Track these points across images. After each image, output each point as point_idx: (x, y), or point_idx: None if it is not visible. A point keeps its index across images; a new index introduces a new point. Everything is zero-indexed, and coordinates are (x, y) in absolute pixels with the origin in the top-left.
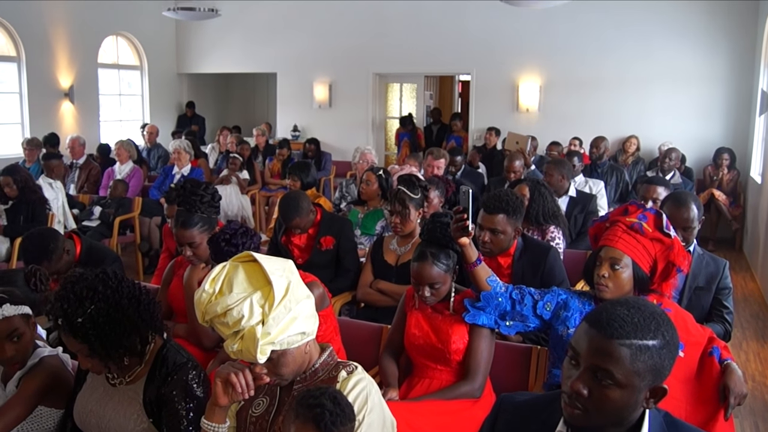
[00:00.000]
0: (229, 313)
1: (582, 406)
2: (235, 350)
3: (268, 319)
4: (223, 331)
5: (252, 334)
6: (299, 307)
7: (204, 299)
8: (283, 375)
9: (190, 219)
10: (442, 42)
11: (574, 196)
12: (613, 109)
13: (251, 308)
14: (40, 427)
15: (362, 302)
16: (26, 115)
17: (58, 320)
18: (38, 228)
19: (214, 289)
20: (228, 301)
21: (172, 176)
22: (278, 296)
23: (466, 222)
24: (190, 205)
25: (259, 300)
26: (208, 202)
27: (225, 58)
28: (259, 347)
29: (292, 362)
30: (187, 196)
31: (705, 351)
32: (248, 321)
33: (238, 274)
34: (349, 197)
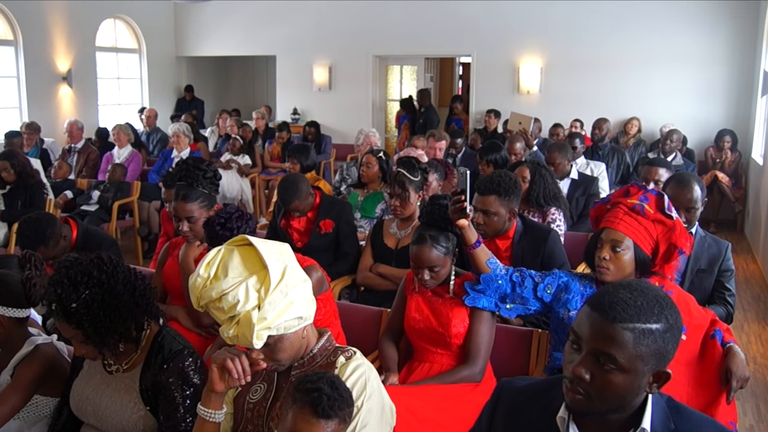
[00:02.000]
0: (224, 298)
1: (584, 391)
2: (231, 336)
3: (264, 303)
4: (219, 316)
5: (248, 320)
6: (296, 291)
7: (199, 284)
8: (280, 360)
9: (191, 192)
10: (442, 24)
11: (576, 179)
12: (615, 90)
13: (247, 293)
14: (36, 415)
15: (362, 286)
16: (24, 99)
17: (52, 306)
18: (35, 213)
19: (209, 273)
20: (223, 286)
21: (171, 160)
22: (274, 280)
23: (464, 204)
24: (191, 180)
25: (255, 284)
26: (209, 178)
27: (224, 40)
28: (255, 332)
29: (289, 347)
30: (190, 170)
31: (707, 334)
32: (244, 306)
33: (234, 258)
34: (349, 180)
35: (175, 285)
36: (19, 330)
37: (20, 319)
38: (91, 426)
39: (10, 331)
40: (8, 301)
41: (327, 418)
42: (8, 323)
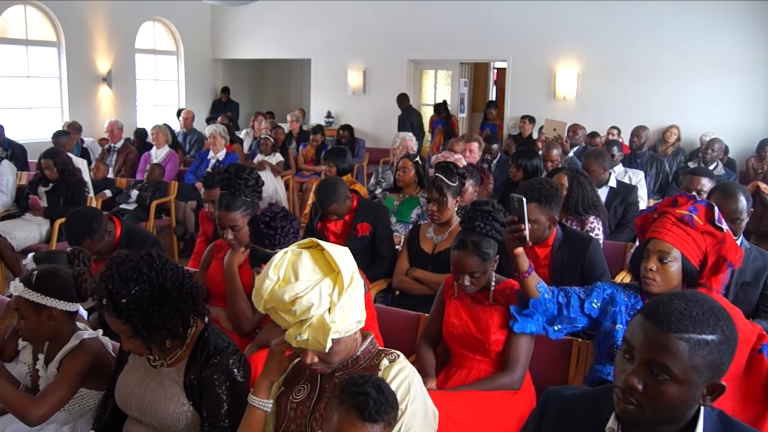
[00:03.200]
0: (298, 301)
1: (636, 401)
2: (302, 340)
3: (335, 308)
4: (288, 320)
5: (321, 323)
6: (359, 293)
7: (267, 286)
8: (333, 363)
9: (233, 202)
10: (478, 28)
11: (615, 187)
12: (653, 97)
13: (320, 296)
14: (82, 407)
15: (398, 290)
16: (65, 99)
17: (103, 300)
18: (83, 207)
19: (278, 275)
20: (296, 289)
21: (207, 161)
22: (346, 283)
23: (524, 232)
24: (234, 189)
25: (328, 288)
26: (252, 186)
27: (260, 43)
28: (330, 335)
29: (343, 350)
30: (232, 179)
31: (754, 348)
32: (317, 309)
33: (303, 260)
34: (384, 183)
35: (219, 288)
36: (69, 324)
37: (70, 313)
38: (135, 419)
39: (60, 325)
40: (61, 294)
41: (373, 421)
42: (60, 316)
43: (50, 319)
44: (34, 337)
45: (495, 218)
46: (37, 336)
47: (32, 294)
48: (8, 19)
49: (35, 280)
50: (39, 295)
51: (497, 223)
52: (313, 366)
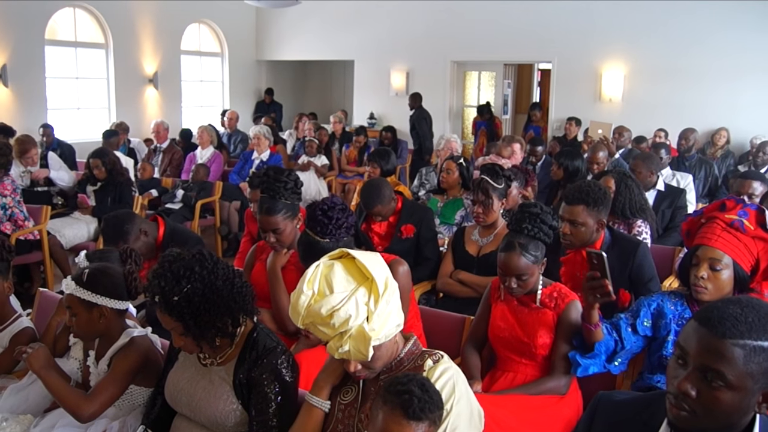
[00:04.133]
0: (335, 314)
1: (689, 407)
2: (344, 352)
3: (374, 316)
4: (328, 333)
5: (361, 333)
6: (395, 297)
7: (303, 302)
8: (376, 368)
9: (274, 206)
10: (522, 29)
11: (663, 190)
12: (702, 99)
13: (357, 306)
14: (131, 404)
15: (442, 292)
16: (113, 100)
17: (155, 298)
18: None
19: (312, 290)
20: (332, 302)
21: (251, 162)
22: (381, 290)
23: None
24: (273, 192)
25: (363, 297)
26: (291, 188)
27: (303, 45)
28: (371, 345)
29: (385, 354)
30: (271, 183)
31: None
32: (355, 320)
33: (335, 272)
34: (428, 185)
35: (263, 289)
36: (119, 321)
37: (120, 311)
38: (184, 416)
39: (111, 322)
40: (112, 293)
41: (417, 420)
42: (110, 314)
43: (101, 317)
44: (85, 334)
45: (543, 220)
46: (88, 333)
47: (83, 292)
48: (58, 22)
49: (86, 279)
50: (90, 293)
51: (545, 225)
52: (357, 373)
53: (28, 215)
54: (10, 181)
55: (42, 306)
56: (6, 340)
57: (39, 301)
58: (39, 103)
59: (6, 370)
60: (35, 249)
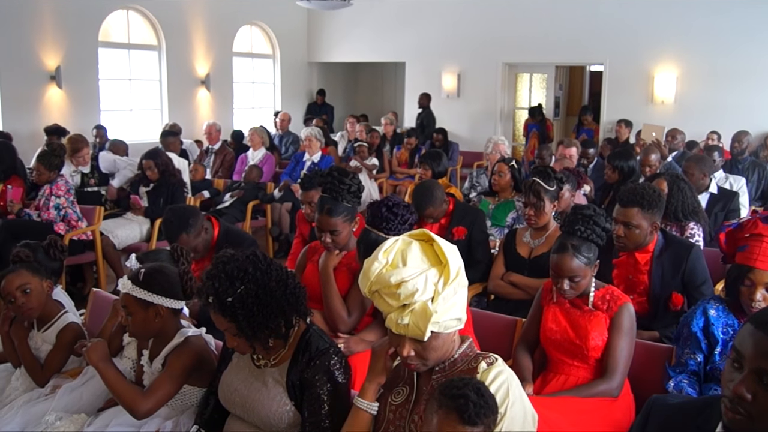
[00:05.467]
0: (403, 285)
1: (745, 411)
2: (404, 324)
3: (439, 297)
4: (391, 303)
5: (424, 309)
6: (462, 291)
7: (375, 269)
8: (428, 359)
9: (336, 207)
10: (574, 31)
11: (715, 193)
12: (755, 101)
13: (426, 283)
14: (184, 403)
15: (493, 294)
16: (165, 101)
17: (209, 298)
18: (179, 204)
19: (387, 260)
20: (403, 274)
21: (302, 163)
22: (452, 276)
23: None
24: (336, 193)
25: (434, 277)
26: (353, 192)
27: (354, 46)
28: (430, 323)
29: (440, 348)
30: (335, 184)
31: None
32: (421, 295)
33: (413, 249)
34: (479, 187)
35: (314, 290)
36: (174, 321)
37: (176, 311)
38: (238, 417)
39: (166, 322)
40: (167, 292)
41: (473, 425)
42: (166, 313)
43: (156, 316)
44: (141, 333)
45: (596, 222)
46: (143, 332)
47: (140, 291)
48: (111, 24)
49: (143, 278)
50: (146, 292)
51: (598, 227)
52: (408, 360)
53: (82, 216)
54: (63, 182)
55: (95, 306)
56: (52, 336)
57: (93, 301)
58: (92, 104)
59: (57, 368)
60: (88, 249)
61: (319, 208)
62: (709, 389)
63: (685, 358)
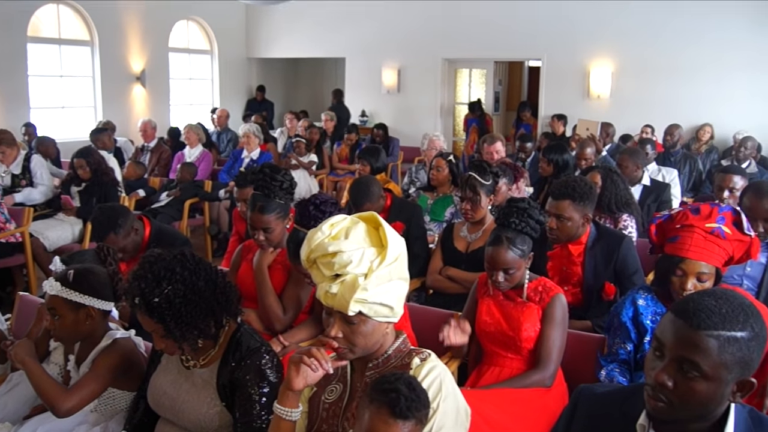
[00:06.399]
0: (339, 254)
1: (666, 398)
2: (331, 292)
3: (371, 276)
4: (325, 272)
5: (353, 282)
6: (399, 281)
7: (317, 237)
8: (355, 345)
9: (268, 204)
10: (512, 27)
11: (648, 185)
12: (687, 96)
13: (362, 258)
14: (113, 408)
15: (431, 289)
16: (99, 98)
17: (135, 299)
18: (110, 203)
19: (331, 232)
20: (342, 246)
21: (241, 160)
22: (389, 259)
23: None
24: (268, 191)
25: (371, 255)
26: (286, 188)
27: (294, 42)
28: (355, 297)
29: (369, 335)
30: (267, 181)
31: None
32: (354, 268)
33: (358, 228)
34: (418, 183)
35: (249, 289)
36: (103, 323)
37: (105, 312)
38: (168, 420)
39: (96, 324)
40: (98, 293)
41: (404, 418)
42: (97, 315)
43: (87, 318)
44: (69, 336)
45: (530, 215)
46: (72, 336)
47: (70, 293)
48: (41, 18)
49: (73, 279)
50: (77, 293)
51: (532, 220)
52: (336, 340)
53: (10, 217)
54: None
55: (22, 310)
56: None
57: (19, 305)
58: (21, 102)
59: None
60: (17, 252)
61: (251, 205)
62: (639, 377)
63: (616, 348)
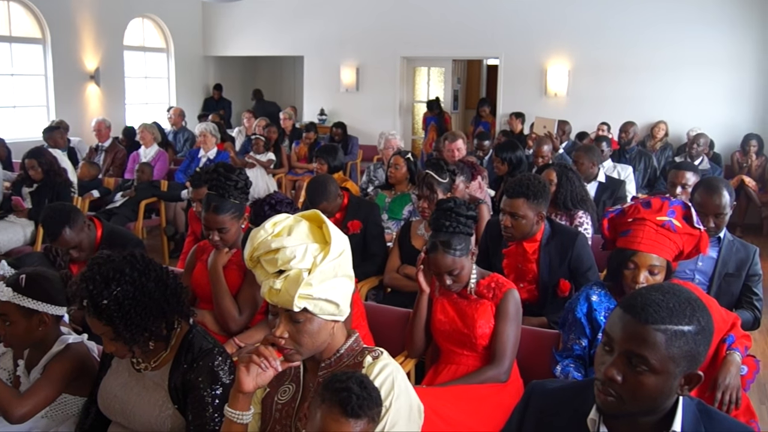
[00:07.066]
0: (282, 250)
1: (616, 393)
2: (275, 288)
3: (315, 271)
4: (268, 269)
5: (297, 277)
6: (343, 279)
7: (261, 235)
8: (302, 345)
9: (222, 204)
10: (470, 25)
11: (603, 182)
12: (642, 94)
13: (305, 253)
14: (64, 413)
15: (389, 287)
16: (51, 97)
17: (83, 301)
18: (60, 202)
19: (273, 230)
20: (284, 242)
21: (198, 159)
22: (332, 255)
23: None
24: (222, 190)
25: (314, 251)
26: (241, 188)
27: (252, 40)
28: (299, 292)
29: (315, 334)
30: (221, 180)
31: (722, 337)
32: (298, 263)
33: (300, 225)
34: (376, 181)
35: (204, 290)
36: (55, 328)
37: (58, 317)
38: (119, 424)
39: (49, 329)
40: (52, 298)
41: (356, 417)
42: (50, 321)
43: (40, 324)
44: (21, 343)
45: (458, 213)
46: (24, 342)
47: (22, 299)
48: None
49: (25, 284)
50: (30, 299)
51: (462, 217)
52: (282, 341)
53: None
54: None
55: None
56: None
57: None
58: None
59: None
60: None
61: (205, 206)
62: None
63: (571, 344)
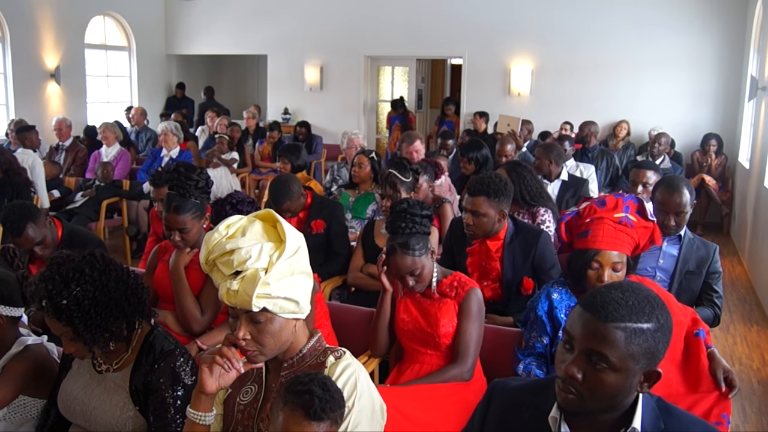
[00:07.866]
0: (237, 251)
1: (576, 390)
2: (233, 289)
3: (272, 269)
4: (224, 271)
5: (254, 277)
6: (301, 276)
7: (215, 238)
8: (265, 345)
9: (183, 204)
10: (433, 24)
11: (566, 180)
12: (605, 93)
13: (260, 253)
14: (23, 416)
15: (353, 286)
16: (11, 96)
17: (42, 302)
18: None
19: (227, 232)
20: (239, 243)
21: (160, 159)
22: (288, 252)
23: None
24: (183, 190)
25: (270, 250)
26: (202, 187)
27: (215, 39)
28: (257, 292)
29: (277, 334)
30: (182, 180)
31: (690, 332)
32: (254, 263)
33: (254, 225)
34: (340, 180)
35: (166, 290)
36: (12, 329)
37: (14, 318)
38: (79, 426)
39: (5, 331)
40: (7, 300)
41: (319, 420)
42: (5, 323)
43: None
44: None
45: (413, 213)
46: None
47: None
48: None
49: None
50: None
51: (417, 216)
52: (244, 341)
53: None
54: None
55: None
56: None
57: None
58: None
59: None
60: None
61: (166, 205)
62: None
63: (533, 342)
